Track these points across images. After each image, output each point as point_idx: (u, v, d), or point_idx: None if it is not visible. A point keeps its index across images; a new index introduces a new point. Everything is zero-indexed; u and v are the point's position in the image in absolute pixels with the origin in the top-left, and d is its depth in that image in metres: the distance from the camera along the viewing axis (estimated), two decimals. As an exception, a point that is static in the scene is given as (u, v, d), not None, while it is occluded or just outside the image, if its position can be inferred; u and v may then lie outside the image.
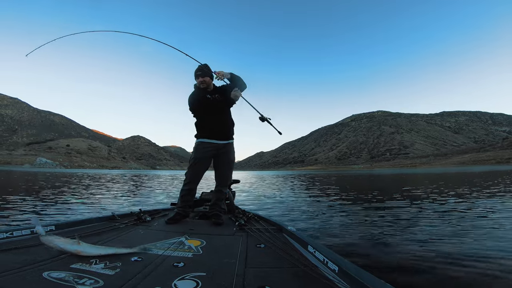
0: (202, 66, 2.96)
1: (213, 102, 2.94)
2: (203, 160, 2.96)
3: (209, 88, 3.01)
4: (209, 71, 2.96)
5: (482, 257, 2.54)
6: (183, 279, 1.31)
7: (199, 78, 2.91)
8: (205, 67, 2.95)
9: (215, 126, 2.98)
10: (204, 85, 2.95)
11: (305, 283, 1.33)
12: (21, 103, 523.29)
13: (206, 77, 2.93)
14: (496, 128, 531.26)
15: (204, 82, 2.93)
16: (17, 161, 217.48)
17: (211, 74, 2.98)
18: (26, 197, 7.48)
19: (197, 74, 2.92)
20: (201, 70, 2.93)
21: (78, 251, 1.55)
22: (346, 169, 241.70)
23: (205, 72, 2.92)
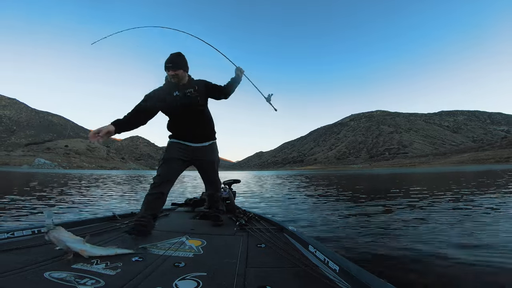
0: (174, 56, 2.46)
1: (182, 100, 2.50)
2: (174, 162, 2.55)
3: (182, 82, 2.54)
4: (183, 62, 2.50)
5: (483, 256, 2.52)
6: (184, 279, 1.32)
7: (170, 71, 2.44)
8: (178, 57, 2.48)
9: (187, 128, 2.60)
10: (175, 80, 2.49)
11: (306, 283, 1.33)
12: (19, 104, 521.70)
13: (179, 70, 2.45)
14: (494, 127, 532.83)
15: (176, 76, 2.46)
16: (15, 162, 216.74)
17: (186, 66, 2.53)
18: (25, 198, 7.42)
19: (168, 66, 2.42)
20: (172, 61, 2.43)
21: (83, 250, 1.55)
22: (345, 169, 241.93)
23: (178, 64, 2.45)
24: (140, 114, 2.36)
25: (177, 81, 2.50)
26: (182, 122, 2.60)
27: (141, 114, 2.37)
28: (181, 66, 2.47)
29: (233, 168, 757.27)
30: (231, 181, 3.92)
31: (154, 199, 2.40)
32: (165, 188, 2.46)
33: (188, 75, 2.61)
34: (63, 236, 1.56)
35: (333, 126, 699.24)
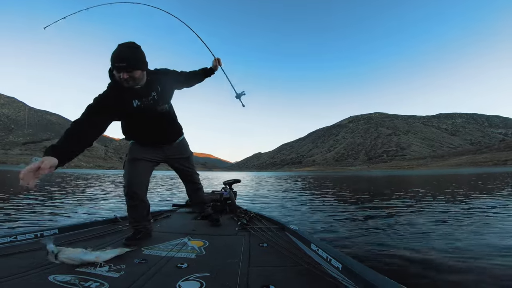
0: (127, 51, 1.68)
1: (145, 110, 1.89)
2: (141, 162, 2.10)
3: (140, 84, 1.80)
4: (140, 58, 1.74)
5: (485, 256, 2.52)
6: (187, 280, 1.33)
7: (123, 74, 1.66)
8: (133, 51, 1.70)
9: (150, 133, 2.06)
10: (130, 84, 1.74)
11: (309, 281, 1.34)
12: (18, 102, 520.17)
13: (136, 70, 1.70)
14: (492, 130, 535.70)
15: (131, 79, 1.71)
16: (12, 160, 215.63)
17: (144, 63, 1.78)
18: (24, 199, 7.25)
19: (118, 66, 1.65)
20: (125, 58, 1.65)
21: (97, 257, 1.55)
22: (343, 171, 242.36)
23: (133, 62, 1.68)
24: (86, 135, 1.62)
25: (133, 86, 1.76)
26: (143, 127, 2.02)
27: (87, 135, 1.63)
28: (138, 65, 1.72)
29: (232, 169, 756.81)
30: (231, 181, 3.88)
31: (136, 209, 2.11)
32: (140, 192, 2.07)
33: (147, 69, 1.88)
34: (73, 253, 1.53)
35: (332, 127, 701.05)
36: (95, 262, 1.54)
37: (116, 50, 1.65)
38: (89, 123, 1.64)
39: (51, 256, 1.50)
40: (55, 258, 1.50)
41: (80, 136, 1.58)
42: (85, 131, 1.61)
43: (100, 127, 1.69)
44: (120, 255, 1.66)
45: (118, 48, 1.67)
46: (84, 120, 1.63)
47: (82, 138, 1.59)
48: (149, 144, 2.13)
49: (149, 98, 1.88)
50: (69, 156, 1.52)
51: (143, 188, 2.10)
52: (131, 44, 1.71)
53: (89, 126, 1.64)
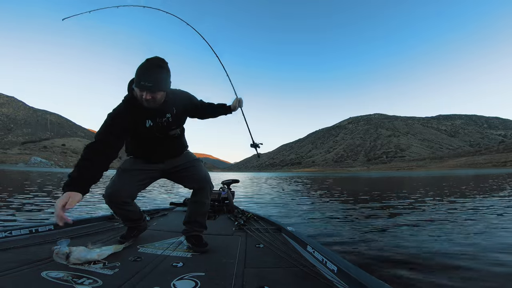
0: (155, 71, 1.59)
1: (157, 131, 1.83)
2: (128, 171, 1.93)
3: (156, 105, 1.70)
4: (166, 79, 1.68)
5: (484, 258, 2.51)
6: (182, 279, 1.31)
7: (146, 94, 1.58)
8: (160, 72, 1.62)
9: (151, 154, 1.96)
10: (151, 105, 1.67)
11: (304, 283, 1.33)
12: (17, 102, 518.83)
13: (159, 92, 1.64)
14: (491, 131, 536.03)
15: (153, 101, 1.64)
16: (11, 160, 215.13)
17: (168, 84, 1.71)
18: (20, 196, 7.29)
19: (144, 86, 1.56)
20: (152, 80, 1.57)
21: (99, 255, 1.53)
22: (343, 172, 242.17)
23: (159, 84, 1.62)
24: (103, 159, 1.56)
25: (152, 106, 1.69)
26: (148, 147, 1.93)
27: (103, 159, 1.56)
28: (163, 87, 1.66)
29: (231, 169, 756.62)
30: (229, 181, 3.84)
31: (122, 215, 1.99)
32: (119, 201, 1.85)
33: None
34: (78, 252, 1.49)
35: (331, 128, 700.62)
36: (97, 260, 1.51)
37: (143, 67, 1.56)
38: (106, 146, 1.60)
39: (61, 257, 1.45)
40: (66, 258, 1.46)
41: (100, 161, 1.54)
42: (103, 156, 1.56)
43: (116, 147, 1.65)
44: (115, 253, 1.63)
45: (146, 64, 1.57)
46: (100, 143, 1.58)
47: (102, 163, 1.55)
48: (149, 161, 1.98)
49: (163, 119, 1.80)
50: (90, 183, 1.48)
51: (125, 199, 1.87)
52: (159, 63, 1.61)
53: (107, 149, 1.59)
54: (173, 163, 2.04)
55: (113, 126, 1.63)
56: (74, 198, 1.36)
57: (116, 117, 1.66)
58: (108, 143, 1.60)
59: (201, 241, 1.95)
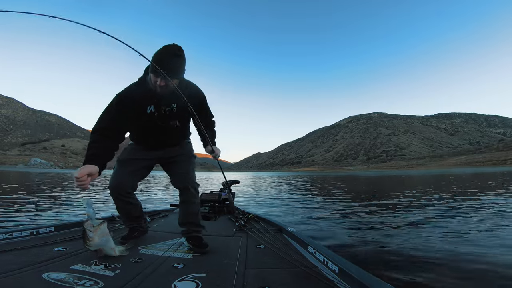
0: (174, 59, 1.63)
1: (158, 119, 1.82)
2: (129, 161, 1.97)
3: (168, 92, 1.74)
4: (183, 67, 1.71)
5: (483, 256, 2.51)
6: (183, 280, 1.31)
7: (160, 80, 1.63)
8: (179, 60, 1.66)
9: (151, 141, 1.98)
10: (163, 91, 1.71)
11: (305, 283, 1.33)
12: (16, 103, 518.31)
13: (174, 79, 1.67)
14: (491, 130, 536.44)
15: (165, 87, 1.68)
16: (11, 161, 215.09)
17: (183, 72, 1.75)
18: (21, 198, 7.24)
19: (158, 72, 1.58)
20: (168, 67, 1.59)
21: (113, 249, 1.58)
22: (343, 171, 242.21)
23: (177, 72, 1.66)
24: (111, 143, 1.65)
25: (164, 92, 1.72)
26: (148, 134, 1.94)
27: (112, 143, 1.66)
28: (178, 75, 1.69)
29: (231, 169, 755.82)
30: (230, 182, 3.81)
31: (125, 210, 2.02)
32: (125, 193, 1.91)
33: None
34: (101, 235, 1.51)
35: (331, 127, 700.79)
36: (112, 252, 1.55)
37: (160, 53, 1.59)
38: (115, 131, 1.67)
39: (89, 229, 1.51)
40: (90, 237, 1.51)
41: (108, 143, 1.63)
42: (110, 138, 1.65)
43: (121, 130, 1.72)
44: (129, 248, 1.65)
45: (163, 51, 1.60)
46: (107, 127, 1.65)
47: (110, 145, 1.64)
48: (149, 148, 2.01)
49: (167, 108, 1.80)
50: (105, 162, 1.59)
51: (129, 190, 1.92)
52: (176, 51, 1.62)
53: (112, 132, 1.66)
54: (171, 152, 2.03)
55: (115, 110, 1.66)
56: (91, 169, 1.46)
57: (122, 100, 1.68)
58: (115, 129, 1.66)
59: (201, 242, 1.93)
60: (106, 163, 1.58)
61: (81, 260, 1.53)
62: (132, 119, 1.74)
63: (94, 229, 1.49)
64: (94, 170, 1.48)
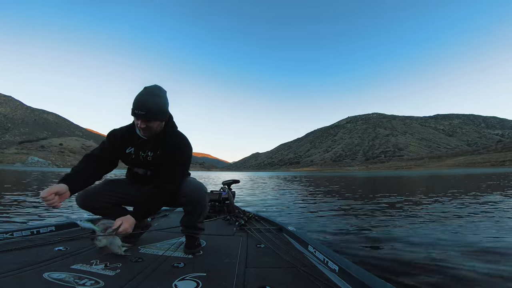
0: (150, 98, 1.59)
1: (134, 162, 1.80)
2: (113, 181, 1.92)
3: (152, 135, 1.71)
4: (162, 108, 1.65)
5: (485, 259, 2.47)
6: (183, 280, 1.31)
7: (140, 122, 1.60)
8: (155, 100, 1.61)
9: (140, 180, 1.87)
10: (146, 134, 1.69)
11: (305, 283, 1.32)
12: (15, 101, 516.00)
13: (155, 121, 1.63)
14: (489, 131, 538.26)
15: (148, 129, 1.64)
16: (8, 159, 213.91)
17: (166, 113, 1.70)
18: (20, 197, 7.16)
19: (138, 114, 1.57)
20: (146, 106, 1.56)
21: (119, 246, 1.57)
22: (342, 171, 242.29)
23: (154, 112, 1.59)
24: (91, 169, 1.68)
25: (147, 135, 1.70)
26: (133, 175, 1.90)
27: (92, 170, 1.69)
28: (158, 116, 1.63)
29: (230, 169, 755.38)
30: (230, 181, 3.83)
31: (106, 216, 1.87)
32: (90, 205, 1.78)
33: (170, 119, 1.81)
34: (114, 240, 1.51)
35: (330, 128, 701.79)
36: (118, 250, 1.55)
37: (140, 95, 1.59)
38: (98, 158, 1.73)
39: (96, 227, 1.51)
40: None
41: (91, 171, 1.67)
42: (95, 166, 1.69)
43: (108, 162, 1.77)
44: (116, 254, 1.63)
45: (142, 92, 1.60)
46: (95, 155, 1.73)
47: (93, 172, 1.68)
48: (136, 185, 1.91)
49: (143, 154, 1.77)
50: (79, 187, 1.60)
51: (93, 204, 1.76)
52: (156, 91, 1.62)
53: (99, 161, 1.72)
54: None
55: (106, 143, 1.77)
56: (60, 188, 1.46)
57: (111, 135, 1.78)
58: (101, 157, 1.73)
59: (194, 243, 1.86)
60: (78, 185, 1.57)
61: (81, 260, 1.53)
62: (116, 155, 1.79)
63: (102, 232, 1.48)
64: (63, 189, 1.46)
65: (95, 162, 1.70)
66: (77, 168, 1.64)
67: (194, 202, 1.76)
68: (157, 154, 1.75)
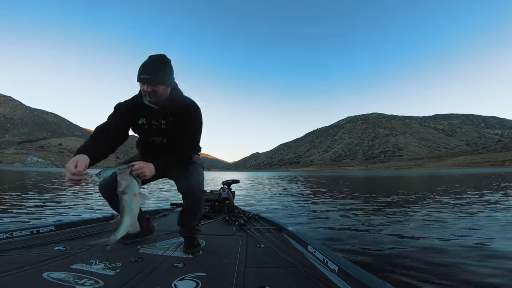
0: (154, 63, 1.64)
1: (148, 132, 1.82)
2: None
3: (159, 101, 1.71)
4: (166, 72, 1.68)
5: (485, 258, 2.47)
6: (183, 280, 1.31)
7: (145, 86, 1.62)
8: (160, 65, 1.65)
9: (152, 154, 1.86)
10: (152, 99, 1.69)
11: (305, 283, 1.33)
12: (14, 101, 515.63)
13: (160, 85, 1.64)
14: (488, 131, 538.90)
15: (154, 93, 1.65)
16: (8, 159, 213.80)
17: (170, 78, 1.72)
18: (20, 197, 7.14)
19: (143, 78, 1.61)
20: (150, 71, 1.61)
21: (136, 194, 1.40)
22: (341, 171, 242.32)
23: (158, 75, 1.62)
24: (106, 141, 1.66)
25: (154, 102, 1.72)
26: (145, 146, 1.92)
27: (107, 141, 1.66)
28: (163, 80, 1.65)
29: (229, 169, 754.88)
30: (230, 181, 3.84)
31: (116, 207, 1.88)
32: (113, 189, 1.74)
33: (175, 87, 1.80)
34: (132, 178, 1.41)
35: (329, 128, 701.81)
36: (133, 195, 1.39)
37: (145, 62, 1.63)
38: (113, 132, 1.69)
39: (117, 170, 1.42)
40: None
41: (101, 143, 1.62)
42: (104, 139, 1.65)
43: (116, 135, 1.72)
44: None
45: (148, 59, 1.64)
46: (104, 127, 1.69)
47: (103, 145, 1.63)
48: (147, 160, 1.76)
49: (156, 123, 1.78)
50: (96, 159, 1.53)
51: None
52: (160, 58, 1.66)
53: (108, 134, 1.67)
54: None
55: (115, 115, 1.74)
56: (83, 159, 1.39)
57: (119, 106, 1.76)
58: (112, 129, 1.69)
59: (193, 243, 1.85)
60: (96, 157, 1.52)
61: (81, 260, 1.53)
62: (126, 127, 1.78)
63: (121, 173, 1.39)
64: (87, 161, 1.42)
65: (107, 135, 1.67)
66: (90, 141, 1.60)
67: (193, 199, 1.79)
68: (169, 121, 1.77)
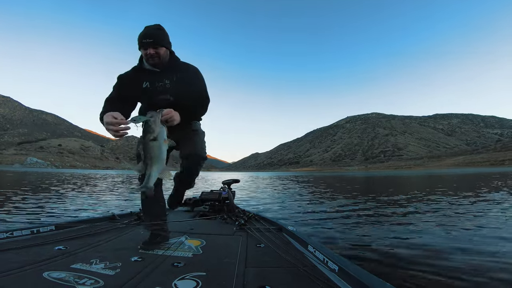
0: (153, 29, 1.76)
1: (153, 95, 1.86)
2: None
3: (161, 64, 1.82)
4: (166, 36, 1.81)
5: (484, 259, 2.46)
6: (183, 279, 1.31)
7: (149, 49, 1.73)
8: (159, 30, 1.78)
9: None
10: (156, 61, 1.78)
11: (305, 282, 1.33)
12: (13, 102, 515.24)
13: (161, 47, 1.76)
14: (488, 130, 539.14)
15: (157, 56, 1.76)
16: (7, 160, 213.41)
17: (169, 42, 1.84)
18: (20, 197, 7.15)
19: (145, 42, 1.72)
20: (152, 35, 1.73)
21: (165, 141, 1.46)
22: (341, 171, 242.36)
23: (159, 39, 1.75)
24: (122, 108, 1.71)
25: (157, 63, 1.80)
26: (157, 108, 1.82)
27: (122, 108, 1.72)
28: (164, 41, 1.78)
29: (229, 169, 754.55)
30: (230, 181, 3.86)
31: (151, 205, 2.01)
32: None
33: (172, 53, 1.90)
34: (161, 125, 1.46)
35: (329, 128, 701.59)
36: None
37: (143, 30, 1.74)
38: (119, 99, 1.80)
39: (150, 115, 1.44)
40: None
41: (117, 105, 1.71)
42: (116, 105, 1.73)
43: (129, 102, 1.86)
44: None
45: (144, 28, 1.75)
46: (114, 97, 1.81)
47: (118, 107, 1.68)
48: None
49: (160, 83, 1.85)
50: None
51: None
52: (156, 26, 1.79)
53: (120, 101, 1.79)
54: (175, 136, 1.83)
55: (121, 84, 1.84)
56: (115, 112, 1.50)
57: (121, 76, 1.86)
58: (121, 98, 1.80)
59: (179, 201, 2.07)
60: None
61: (81, 259, 1.53)
62: (132, 94, 1.86)
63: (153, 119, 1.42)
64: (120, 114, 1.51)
65: (118, 104, 1.75)
66: (106, 107, 1.70)
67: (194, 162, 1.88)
68: (173, 80, 1.85)
